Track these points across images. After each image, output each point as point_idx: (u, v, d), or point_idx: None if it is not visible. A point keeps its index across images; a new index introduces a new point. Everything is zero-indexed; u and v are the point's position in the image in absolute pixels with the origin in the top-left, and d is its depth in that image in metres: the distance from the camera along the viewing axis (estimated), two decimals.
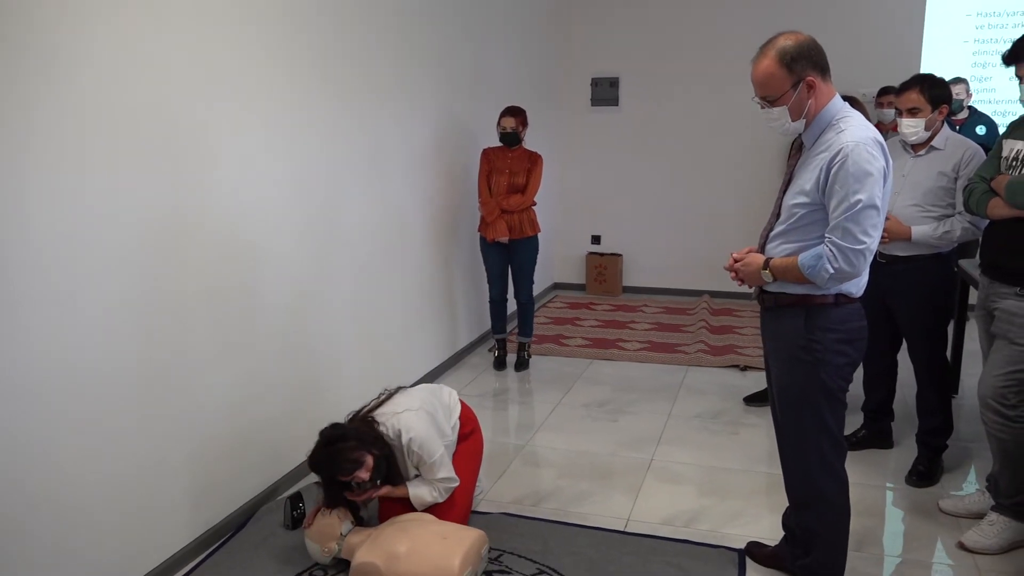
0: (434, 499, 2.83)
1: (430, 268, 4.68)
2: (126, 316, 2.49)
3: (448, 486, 2.85)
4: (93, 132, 2.33)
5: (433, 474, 2.82)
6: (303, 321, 3.40)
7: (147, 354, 2.58)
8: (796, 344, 2.29)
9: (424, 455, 2.79)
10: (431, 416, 2.89)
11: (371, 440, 2.71)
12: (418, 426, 2.79)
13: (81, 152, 2.29)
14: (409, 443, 2.77)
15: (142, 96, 2.49)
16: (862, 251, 2.13)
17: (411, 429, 2.78)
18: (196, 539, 2.85)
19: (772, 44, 2.20)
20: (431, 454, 2.79)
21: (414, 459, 2.82)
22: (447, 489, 2.86)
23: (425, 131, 4.49)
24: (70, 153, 2.26)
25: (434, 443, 2.81)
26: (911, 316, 3.35)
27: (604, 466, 3.62)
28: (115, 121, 2.40)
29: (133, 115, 2.46)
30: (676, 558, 2.81)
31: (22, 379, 2.17)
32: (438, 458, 2.81)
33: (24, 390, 2.18)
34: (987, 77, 5.93)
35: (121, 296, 2.46)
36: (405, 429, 2.78)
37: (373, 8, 3.83)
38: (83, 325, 2.34)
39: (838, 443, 2.38)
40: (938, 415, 3.40)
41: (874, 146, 2.12)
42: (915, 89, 3.17)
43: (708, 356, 5.15)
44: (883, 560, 2.85)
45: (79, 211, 2.30)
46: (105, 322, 2.41)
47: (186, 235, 2.72)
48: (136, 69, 2.46)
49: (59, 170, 2.23)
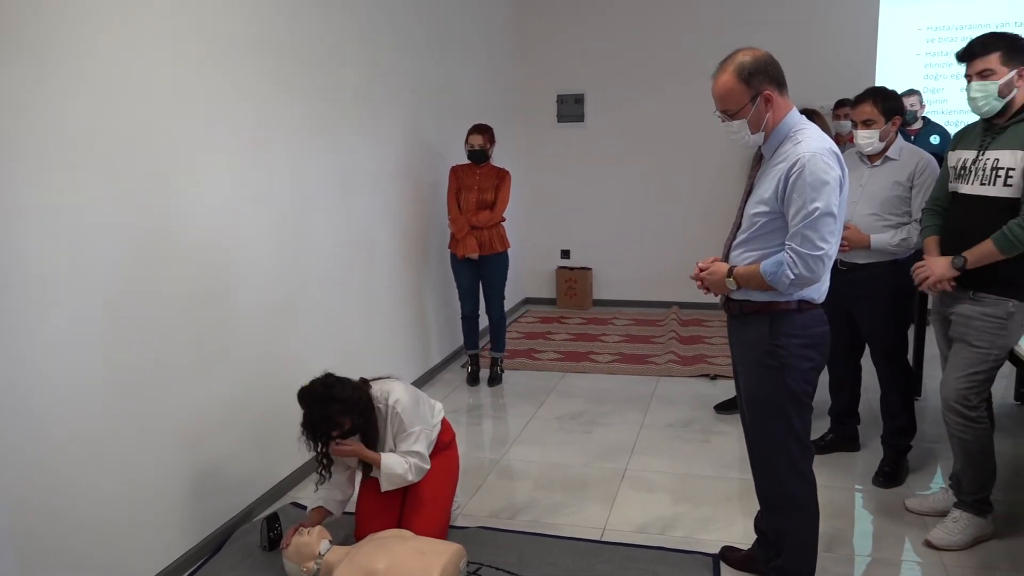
0: (404, 472, 2.83)
1: (401, 285, 4.70)
2: (96, 331, 2.47)
3: (420, 465, 2.87)
4: (64, 145, 2.33)
5: (408, 445, 2.85)
6: (273, 341, 3.40)
7: (117, 371, 2.56)
8: (762, 350, 2.36)
9: (405, 421, 2.84)
10: (417, 400, 2.96)
11: (358, 402, 2.76)
12: (404, 396, 2.88)
13: (53, 165, 2.30)
14: (394, 404, 2.84)
15: (116, 111, 2.50)
16: (821, 257, 2.20)
17: (398, 395, 2.87)
18: (173, 563, 2.83)
19: (731, 60, 2.28)
20: (411, 423, 2.85)
21: (395, 425, 2.86)
22: (419, 468, 2.87)
23: (393, 149, 4.53)
24: (42, 166, 2.26)
25: (416, 416, 2.88)
26: (872, 321, 3.44)
27: (579, 477, 3.65)
28: (88, 134, 2.41)
29: (107, 129, 2.47)
30: (651, 565, 2.84)
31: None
32: (417, 431, 2.87)
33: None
34: (939, 88, 6.12)
35: (91, 311, 2.45)
36: (392, 393, 2.86)
37: (340, 26, 3.87)
38: (51, 338, 2.32)
39: (805, 446, 2.44)
40: (902, 417, 3.49)
41: (830, 156, 2.20)
42: (868, 102, 3.27)
43: (678, 366, 5.22)
44: (853, 560, 2.91)
45: (48, 223, 2.29)
46: (75, 336, 2.40)
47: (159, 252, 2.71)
48: (109, 84, 2.48)
49: (30, 183, 2.23)
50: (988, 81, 2.71)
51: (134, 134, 2.60)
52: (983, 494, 2.93)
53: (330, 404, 2.70)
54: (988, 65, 2.71)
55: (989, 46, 2.72)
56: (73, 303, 2.39)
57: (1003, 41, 2.72)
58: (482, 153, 4.71)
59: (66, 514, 2.39)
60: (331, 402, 2.70)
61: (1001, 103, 2.72)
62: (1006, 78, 2.69)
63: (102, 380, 2.51)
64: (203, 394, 2.97)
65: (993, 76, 2.70)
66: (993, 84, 2.70)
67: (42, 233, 2.28)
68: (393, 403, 2.86)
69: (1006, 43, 2.71)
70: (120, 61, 2.54)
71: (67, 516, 2.39)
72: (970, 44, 2.78)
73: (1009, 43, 2.71)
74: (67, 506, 2.39)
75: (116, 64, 2.52)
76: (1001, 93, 2.70)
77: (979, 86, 2.73)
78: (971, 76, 2.76)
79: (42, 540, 2.31)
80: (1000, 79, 2.69)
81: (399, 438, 2.87)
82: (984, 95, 2.73)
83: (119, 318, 2.57)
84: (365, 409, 2.80)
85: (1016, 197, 2.67)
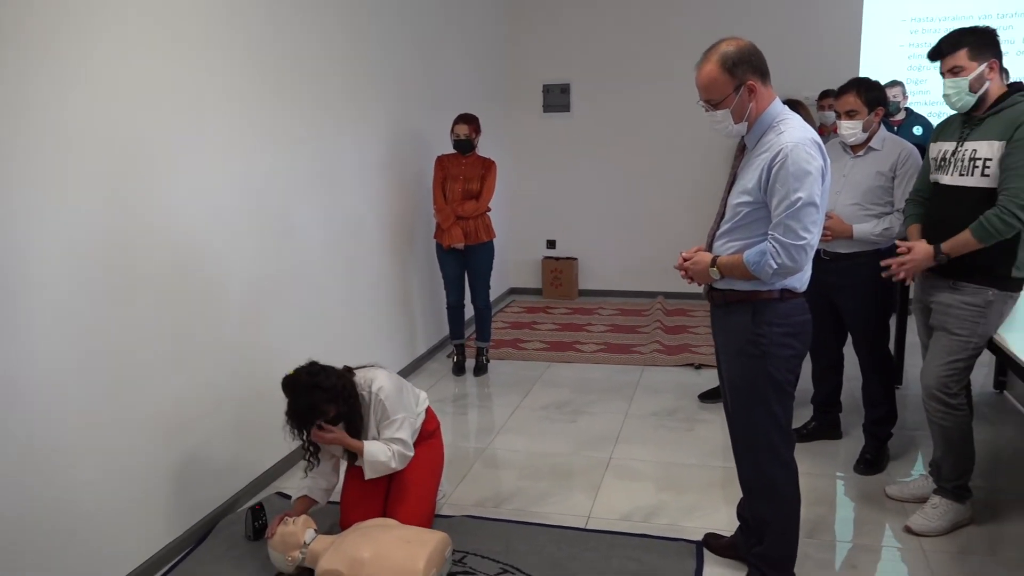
0: (387, 460, 2.84)
1: (387, 275, 4.69)
2: (74, 325, 2.46)
3: (404, 452, 2.88)
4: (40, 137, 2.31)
5: (392, 432, 2.86)
6: (258, 331, 3.39)
7: (95, 363, 2.54)
8: (744, 338, 2.38)
9: (389, 408, 2.85)
10: (400, 387, 2.97)
11: (342, 390, 2.76)
12: (388, 384, 2.89)
13: (29, 158, 2.27)
14: (378, 392, 2.85)
15: (93, 103, 2.48)
16: (803, 246, 2.22)
17: (381, 382, 2.88)
18: (156, 553, 2.83)
19: (715, 50, 2.28)
20: (395, 410, 2.86)
21: (378, 412, 2.86)
22: (402, 456, 2.87)
23: (377, 139, 4.51)
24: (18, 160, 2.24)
25: (399, 403, 2.89)
26: (855, 310, 3.47)
27: (564, 466, 3.67)
28: (63, 127, 2.38)
29: (83, 121, 2.45)
30: (636, 552, 2.87)
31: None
32: (400, 418, 2.87)
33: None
34: (922, 80, 6.15)
35: (68, 305, 2.43)
36: (375, 380, 2.87)
37: (323, 17, 3.85)
38: (27, 333, 2.30)
39: (787, 433, 2.47)
40: (883, 405, 3.53)
41: (812, 146, 2.22)
42: (851, 92, 3.30)
43: (663, 356, 5.25)
44: (835, 546, 2.94)
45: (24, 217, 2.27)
46: (51, 330, 2.38)
47: (133, 247, 2.69)
48: (88, 78, 2.45)
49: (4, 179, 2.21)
50: (959, 78, 2.75)
51: (119, 128, 2.58)
52: (962, 480, 2.97)
53: (315, 392, 2.69)
54: (957, 62, 2.74)
55: (957, 43, 2.75)
56: (53, 293, 2.38)
57: (970, 36, 2.75)
58: (468, 143, 4.71)
59: (47, 505, 2.38)
60: (316, 390, 2.70)
61: (974, 98, 2.75)
62: (975, 73, 2.72)
63: (83, 371, 2.50)
64: (187, 384, 2.96)
65: (963, 72, 2.74)
66: (963, 80, 2.74)
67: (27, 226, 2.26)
68: (376, 390, 2.86)
69: (973, 38, 2.74)
70: (105, 58, 2.52)
71: (48, 507, 2.38)
72: (939, 42, 2.82)
73: (976, 38, 2.74)
74: (48, 496, 2.38)
75: (101, 61, 2.50)
76: (972, 88, 2.74)
77: (951, 83, 2.77)
78: (945, 73, 2.80)
79: (22, 531, 2.30)
80: (970, 74, 2.73)
81: (382, 425, 2.87)
82: (956, 91, 2.77)
83: (99, 308, 2.55)
84: (349, 397, 2.80)
85: (993, 187, 2.70)
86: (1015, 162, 2.63)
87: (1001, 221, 2.64)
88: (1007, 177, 2.66)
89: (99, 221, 2.53)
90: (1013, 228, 2.65)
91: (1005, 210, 2.64)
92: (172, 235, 2.86)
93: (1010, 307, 2.84)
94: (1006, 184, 2.66)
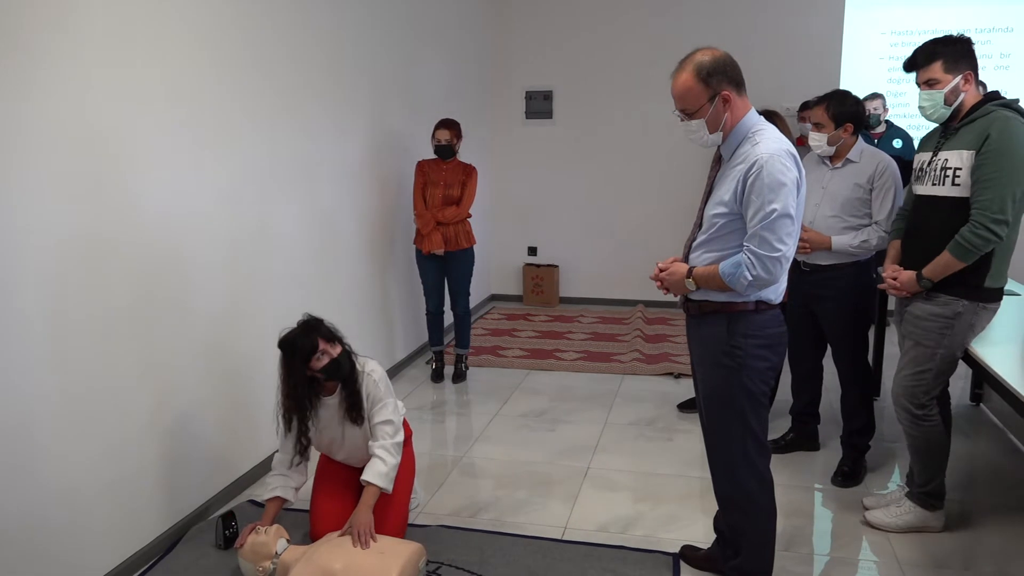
0: (390, 464, 2.83)
1: (366, 281, 4.66)
2: (43, 333, 2.41)
3: (396, 441, 2.89)
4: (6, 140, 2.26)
5: (385, 415, 2.88)
6: (233, 337, 3.35)
7: (64, 371, 2.49)
8: (719, 350, 2.36)
9: (381, 390, 2.89)
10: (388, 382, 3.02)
11: (343, 339, 2.85)
12: (379, 369, 2.95)
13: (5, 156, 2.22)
14: (371, 372, 2.89)
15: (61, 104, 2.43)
16: (778, 258, 2.21)
17: (373, 366, 2.93)
18: (124, 561, 2.77)
19: (690, 59, 2.27)
20: (388, 393, 2.92)
21: (370, 391, 2.88)
22: (396, 446, 2.88)
23: (358, 144, 4.48)
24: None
25: (389, 389, 2.94)
26: (834, 321, 3.48)
27: (542, 475, 3.65)
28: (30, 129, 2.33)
29: (51, 122, 2.40)
30: (612, 564, 2.85)
31: None
32: (391, 401, 2.92)
33: None
34: (902, 92, 6.20)
35: (37, 312, 2.38)
36: (368, 363, 2.93)
37: (303, 22, 3.82)
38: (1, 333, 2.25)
39: (762, 444, 2.45)
40: (861, 417, 3.53)
41: (787, 157, 2.21)
42: (821, 106, 3.34)
43: (643, 364, 5.24)
44: (812, 559, 2.93)
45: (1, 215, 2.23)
46: (20, 338, 2.33)
47: (107, 248, 2.65)
48: (57, 79, 2.40)
49: None
50: (934, 90, 2.75)
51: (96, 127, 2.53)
52: (929, 488, 3.00)
53: (315, 333, 2.76)
54: (932, 75, 2.75)
55: (931, 55, 2.76)
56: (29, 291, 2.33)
57: (944, 47, 2.75)
58: (448, 149, 4.68)
59: (10, 513, 2.32)
60: (317, 330, 2.77)
61: (949, 110, 2.77)
62: (951, 85, 2.73)
63: (49, 373, 2.44)
64: (159, 388, 2.92)
65: (938, 85, 2.74)
66: (939, 93, 2.75)
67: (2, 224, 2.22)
68: (370, 371, 2.90)
69: (948, 49, 2.74)
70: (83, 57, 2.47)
71: (12, 515, 2.33)
72: (914, 54, 2.83)
73: (951, 49, 2.74)
74: (12, 504, 2.33)
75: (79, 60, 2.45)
76: (947, 101, 2.75)
77: (926, 95, 2.79)
78: (921, 84, 2.81)
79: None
80: (945, 87, 2.74)
81: (375, 409, 2.89)
82: (931, 103, 2.78)
83: (74, 308, 2.50)
84: (349, 354, 2.85)
85: (964, 196, 2.71)
86: (985, 174, 2.64)
87: (976, 236, 2.65)
88: (977, 190, 2.67)
89: (73, 220, 2.48)
90: (990, 242, 2.66)
91: (979, 224, 2.65)
92: (147, 236, 2.81)
93: (983, 319, 2.84)
94: (977, 197, 2.67)
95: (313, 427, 2.89)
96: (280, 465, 2.93)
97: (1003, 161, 2.61)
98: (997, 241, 2.66)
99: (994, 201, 2.62)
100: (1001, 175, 2.61)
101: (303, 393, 2.80)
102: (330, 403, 2.88)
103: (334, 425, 2.92)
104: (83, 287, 2.55)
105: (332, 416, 2.90)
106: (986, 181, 2.64)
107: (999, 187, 2.62)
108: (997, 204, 2.62)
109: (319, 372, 2.76)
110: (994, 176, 2.62)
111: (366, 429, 2.91)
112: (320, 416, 2.89)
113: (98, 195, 2.59)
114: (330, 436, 2.94)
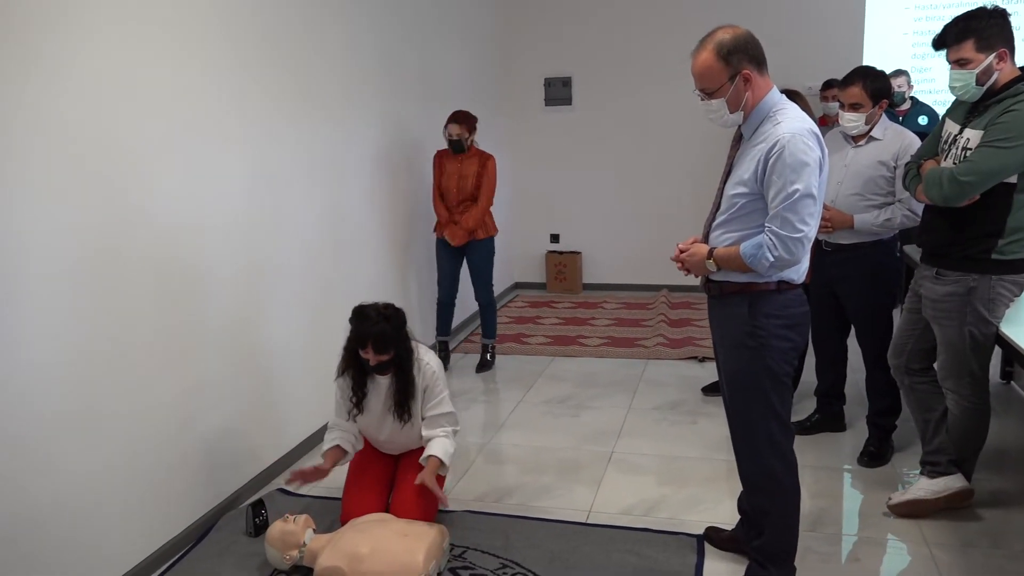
0: (451, 447, 2.98)
1: (384, 272, 4.67)
2: (67, 328, 2.45)
3: (455, 427, 3.03)
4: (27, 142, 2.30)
5: (443, 408, 2.99)
6: (253, 329, 3.38)
7: (88, 365, 2.53)
8: (741, 331, 2.35)
9: (439, 383, 2.99)
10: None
11: (405, 340, 2.89)
12: (434, 360, 3.04)
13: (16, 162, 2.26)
14: (426, 365, 2.97)
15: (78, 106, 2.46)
16: (800, 239, 2.19)
17: (428, 358, 3.01)
18: (157, 550, 2.83)
19: (710, 38, 2.25)
20: (443, 387, 3.01)
21: (427, 382, 2.96)
22: (455, 433, 3.03)
23: (373, 135, 4.47)
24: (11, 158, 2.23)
25: (443, 381, 3.03)
26: (857, 301, 3.44)
27: (566, 460, 3.66)
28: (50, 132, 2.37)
29: (69, 125, 2.43)
30: (636, 546, 2.85)
31: None
32: (447, 394, 3.02)
33: None
34: (927, 68, 6.09)
35: (61, 308, 2.42)
36: (423, 355, 3.00)
37: (315, 15, 3.83)
38: (19, 339, 2.29)
39: (785, 425, 2.44)
40: (887, 397, 3.49)
41: (810, 137, 2.19)
42: (858, 84, 3.22)
43: (667, 349, 5.23)
44: (840, 539, 2.92)
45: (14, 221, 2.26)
46: (44, 335, 2.37)
47: (128, 242, 2.68)
48: (79, 76, 2.44)
49: None
50: (965, 70, 2.62)
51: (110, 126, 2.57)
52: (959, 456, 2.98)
53: (386, 324, 2.81)
54: (963, 54, 2.60)
55: (963, 33, 2.60)
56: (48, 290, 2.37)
57: (978, 23, 2.59)
58: (459, 143, 4.63)
59: (44, 502, 2.38)
60: (389, 322, 2.82)
61: (981, 90, 2.63)
62: (983, 65, 2.59)
63: (79, 368, 2.49)
64: (185, 380, 2.96)
65: (970, 64, 2.60)
66: (970, 73, 2.61)
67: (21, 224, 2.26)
68: (425, 365, 2.97)
69: (981, 26, 2.58)
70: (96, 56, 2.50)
71: (45, 505, 2.38)
72: (943, 31, 2.67)
73: (985, 25, 2.58)
74: (45, 494, 2.38)
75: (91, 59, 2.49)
76: (979, 81, 2.61)
77: (957, 75, 2.65)
78: (952, 62, 2.67)
79: (18, 529, 2.30)
80: (977, 67, 2.59)
81: (431, 403, 2.97)
82: (963, 84, 2.64)
83: (95, 305, 2.55)
84: (408, 353, 2.90)
85: None
86: (986, 139, 2.56)
87: (949, 180, 2.61)
88: (974, 151, 2.59)
89: (92, 218, 2.52)
90: (947, 195, 2.61)
91: (950, 174, 2.60)
92: (166, 232, 2.85)
93: (1003, 291, 2.71)
94: (970, 156, 2.60)
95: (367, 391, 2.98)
96: (336, 427, 3.04)
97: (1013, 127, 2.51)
98: (949, 194, 2.61)
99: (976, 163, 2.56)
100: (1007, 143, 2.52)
101: (359, 360, 2.89)
102: (381, 383, 2.95)
103: (379, 408, 2.97)
104: (104, 283, 2.58)
105: (379, 398, 2.96)
106: (985, 146, 2.55)
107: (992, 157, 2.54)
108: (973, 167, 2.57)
109: (371, 365, 2.86)
110: (994, 143, 2.54)
111: (411, 425, 2.97)
112: (369, 390, 2.96)
113: (116, 192, 2.63)
114: (372, 416, 3.00)
